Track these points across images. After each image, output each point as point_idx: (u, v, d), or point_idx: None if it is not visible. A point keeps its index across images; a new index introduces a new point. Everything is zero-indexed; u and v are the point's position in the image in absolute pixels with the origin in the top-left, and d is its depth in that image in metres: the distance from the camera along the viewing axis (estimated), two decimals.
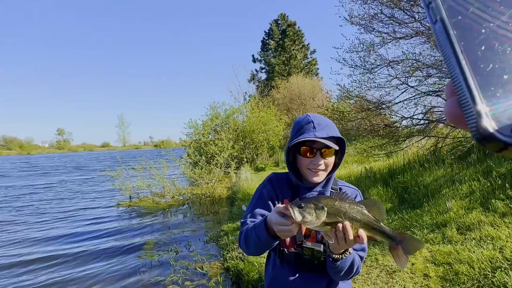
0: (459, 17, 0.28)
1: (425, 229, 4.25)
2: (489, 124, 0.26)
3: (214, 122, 17.61)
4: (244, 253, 1.52)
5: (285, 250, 1.42)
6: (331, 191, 1.46)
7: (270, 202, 1.46)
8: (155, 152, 14.53)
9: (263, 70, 39.65)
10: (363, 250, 1.41)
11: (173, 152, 13.58)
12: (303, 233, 1.39)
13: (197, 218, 8.58)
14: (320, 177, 1.40)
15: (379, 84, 6.82)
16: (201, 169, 12.50)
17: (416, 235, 4.15)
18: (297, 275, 1.41)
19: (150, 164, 12.16)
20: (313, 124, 1.37)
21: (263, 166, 16.43)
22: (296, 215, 1.00)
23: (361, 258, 1.39)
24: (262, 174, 13.58)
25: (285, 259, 1.42)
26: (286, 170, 1.55)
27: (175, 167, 13.44)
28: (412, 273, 3.44)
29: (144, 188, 11.44)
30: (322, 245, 1.34)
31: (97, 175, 21.49)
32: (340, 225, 1.05)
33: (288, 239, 1.39)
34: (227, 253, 5.27)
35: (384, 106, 7.03)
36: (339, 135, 1.39)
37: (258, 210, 1.45)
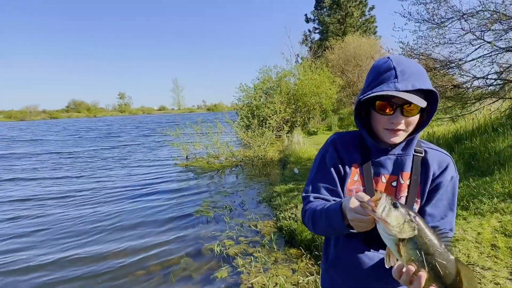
0: None
1: (495, 198, 3.93)
2: None
3: (266, 85, 17.46)
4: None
5: None
6: (414, 155, 1.16)
7: (333, 170, 1.20)
8: (208, 115, 14.97)
9: (317, 31, 37.83)
10: (451, 230, 1.15)
11: (226, 115, 13.86)
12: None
13: (249, 179, 8.80)
14: (400, 137, 1.10)
15: (450, 40, 6.14)
16: (254, 131, 12.66)
17: (485, 204, 3.86)
18: (368, 254, 1.17)
19: (206, 125, 12.59)
20: (395, 71, 1.03)
21: (315, 130, 16.19)
22: (381, 208, 0.80)
23: None
24: (314, 138, 13.42)
25: (351, 235, 1.14)
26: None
27: (228, 132, 13.75)
28: (478, 243, 3.23)
29: (200, 148, 11.94)
30: None
31: (156, 138, 22.80)
32: (412, 268, 0.82)
33: None
34: (280, 213, 5.38)
35: (453, 64, 6.37)
36: (429, 87, 1.03)
37: (321, 184, 1.20)
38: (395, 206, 0.81)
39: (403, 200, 1.13)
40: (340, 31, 34.28)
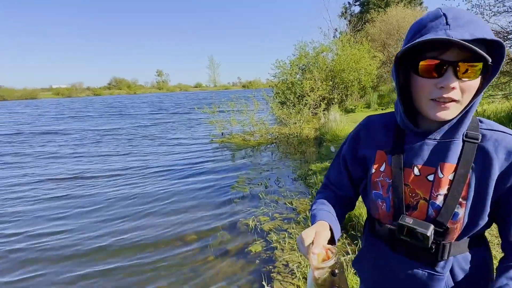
0: None
1: None
2: None
3: (302, 61, 17.00)
4: None
5: (378, 221, 0.98)
6: (465, 141, 0.84)
7: (341, 163, 1.10)
8: (243, 92, 15.01)
9: (357, 3, 36.14)
10: None
11: (261, 93, 13.79)
12: (404, 197, 0.89)
13: (284, 156, 8.77)
14: (451, 111, 0.80)
15: (510, 7, 5.54)
16: (289, 108, 12.51)
17: None
18: (394, 258, 0.95)
19: (241, 102, 12.63)
20: (446, 18, 0.75)
21: (353, 107, 15.66)
22: (324, 265, 0.76)
23: None
24: (351, 116, 13.03)
25: (376, 233, 1.00)
26: (380, 112, 1.06)
27: (263, 109, 13.69)
28: None
29: (236, 125, 12.03)
30: (431, 226, 0.83)
31: (192, 115, 23.24)
32: None
33: (383, 207, 0.94)
34: (315, 192, 5.32)
35: (511, 35, 5.80)
36: (493, 37, 0.74)
37: (332, 176, 1.14)
38: (333, 274, 0.76)
39: (440, 199, 0.84)
40: (382, 3, 32.40)
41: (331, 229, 0.93)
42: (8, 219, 5.19)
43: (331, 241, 0.93)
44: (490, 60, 0.73)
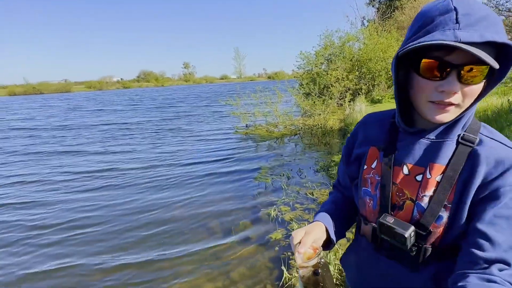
0: None
1: None
2: None
3: (328, 51, 16.74)
4: None
5: (364, 219, 0.96)
6: (460, 143, 0.80)
7: (344, 163, 1.09)
8: (268, 84, 15.01)
9: None
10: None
11: (284, 84, 13.77)
12: (390, 196, 0.87)
13: (308, 148, 8.78)
14: (450, 114, 0.77)
15: None
16: (314, 100, 12.42)
17: None
18: (375, 258, 0.94)
19: (265, 93, 12.67)
20: (456, 14, 0.69)
21: (380, 98, 15.30)
22: (307, 263, 0.79)
23: None
24: (378, 107, 12.77)
25: (362, 231, 0.99)
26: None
27: (286, 102, 13.69)
28: None
29: (260, 116, 12.11)
30: (411, 227, 0.80)
31: (217, 108, 23.53)
32: None
33: (370, 204, 0.93)
34: None
35: None
36: (505, 40, 0.68)
37: (339, 175, 1.15)
38: (315, 273, 0.78)
39: (425, 201, 0.81)
40: None
41: (327, 231, 0.96)
42: (41, 211, 5.55)
43: (328, 241, 0.96)
44: (497, 66, 0.69)
